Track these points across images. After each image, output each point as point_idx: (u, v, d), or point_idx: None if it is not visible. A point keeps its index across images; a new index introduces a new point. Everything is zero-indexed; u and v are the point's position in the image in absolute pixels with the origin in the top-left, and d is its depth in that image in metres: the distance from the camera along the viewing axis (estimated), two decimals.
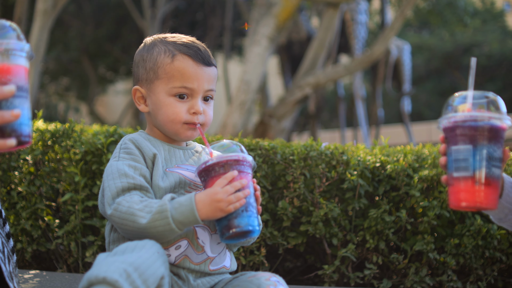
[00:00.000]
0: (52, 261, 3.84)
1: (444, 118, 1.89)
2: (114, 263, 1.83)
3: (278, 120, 13.08)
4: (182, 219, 2.04)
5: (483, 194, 1.83)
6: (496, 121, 1.83)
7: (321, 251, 3.80)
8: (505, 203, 2.02)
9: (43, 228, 3.74)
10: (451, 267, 3.69)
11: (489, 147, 1.83)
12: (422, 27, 29.83)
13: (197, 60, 2.27)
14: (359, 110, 14.75)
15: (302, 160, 3.69)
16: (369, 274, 3.67)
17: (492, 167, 1.83)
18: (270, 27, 12.42)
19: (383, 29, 14.90)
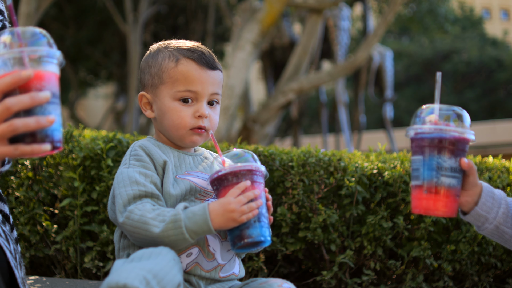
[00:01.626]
0: (50, 266, 3.83)
1: (408, 130, 2.01)
2: (133, 269, 1.83)
3: (261, 125, 13.12)
4: (196, 228, 2.05)
5: (432, 202, 1.93)
6: (444, 133, 1.92)
7: (319, 257, 3.82)
8: (480, 211, 2.05)
9: (41, 234, 3.73)
10: (447, 273, 3.73)
11: (438, 157, 1.92)
12: (402, 33, 30.06)
13: (201, 63, 2.28)
14: (341, 116, 14.84)
15: (301, 166, 3.71)
16: (366, 280, 3.69)
17: (442, 177, 1.93)
18: (254, 32, 12.47)
19: (366, 35, 15.00)
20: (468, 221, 2.10)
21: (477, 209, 2.04)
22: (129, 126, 18.91)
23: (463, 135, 1.94)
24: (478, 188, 2.04)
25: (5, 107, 1.56)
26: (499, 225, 2.06)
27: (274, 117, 13.30)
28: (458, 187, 1.97)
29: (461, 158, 1.94)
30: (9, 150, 1.58)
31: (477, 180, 2.03)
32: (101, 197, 3.66)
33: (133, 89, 18.11)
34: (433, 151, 1.93)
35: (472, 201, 2.04)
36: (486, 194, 2.05)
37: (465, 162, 1.94)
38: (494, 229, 2.07)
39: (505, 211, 2.06)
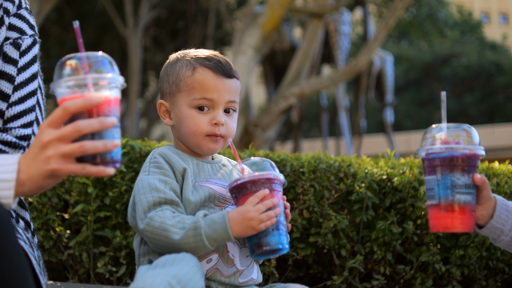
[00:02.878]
0: (63, 271, 3.86)
1: (418, 151, 2.07)
2: (158, 275, 1.87)
3: (263, 129, 13.16)
4: (215, 236, 2.08)
5: (450, 220, 1.98)
6: (455, 152, 1.97)
7: (328, 262, 3.86)
8: (496, 224, 2.09)
9: (54, 239, 3.76)
10: (456, 277, 3.77)
11: (452, 176, 1.97)
12: (401, 37, 30.11)
13: (217, 71, 2.31)
14: (342, 120, 14.87)
15: (312, 172, 3.75)
16: (376, 285, 3.73)
17: (457, 194, 1.97)
18: (255, 37, 12.51)
19: (366, 40, 15.04)
20: (485, 234, 2.14)
21: (492, 222, 2.08)
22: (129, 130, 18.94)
23: (474, 151, 1.98)
24: (492, 202, 2.08)
25: (77, 129, 1.64)
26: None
27: (275, 122, 13.34)
28: (474, 202, 2.01)
29: (473, 174, 1.98)
30: (77, 168, 1.67)
31: (491, 194, 2.08)
32: (113, 203, 3.70)
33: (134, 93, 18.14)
34: (445, 170, 1.97)
35: (487, 215, 2.09)
36: (501, 207, 2.09)
37: (478, 178, 1.98)
38: (510, 240, 2.11)
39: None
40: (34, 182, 1.69)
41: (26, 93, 2.18)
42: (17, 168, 1.70)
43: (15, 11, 2.23)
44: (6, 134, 2.09)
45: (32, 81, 2.20)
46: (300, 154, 4.04)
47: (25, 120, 2.15)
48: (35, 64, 2.24)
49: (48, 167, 1.66)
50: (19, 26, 2.23)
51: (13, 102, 2.14)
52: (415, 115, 27.13)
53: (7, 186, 1.70)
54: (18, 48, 2.19)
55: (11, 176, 1.70)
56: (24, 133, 2.13)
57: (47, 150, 1.66)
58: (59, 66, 1.72)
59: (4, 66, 2.16)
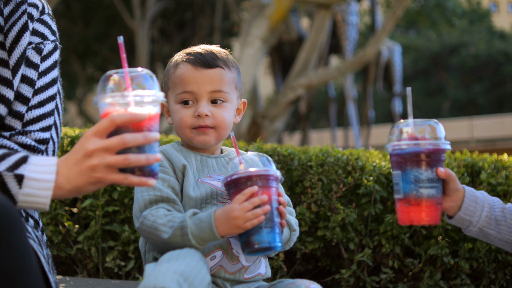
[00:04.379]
0: (72, 266, 3.88)
1: (386, 146, 2.09)
2: (168, 272, 1.88)
3: (270, 121, 13.14)
4: (202, 235, 2.08)
5: (414, 214, 2.02)
6: (417, 147, 2.00)
7: (337, 255, 3.86)
8: (464, 215, 2.13)
9: (63, 234, 3.78)
10: (464, 271, 3.76)
11: (415, 170, 2.00)
12: (409, 27, 30.00)
13: (195, 64, 2.33)
14: (350, 110, 14.84)
15: (320, 166, 3.74)
16: (385, 278, 3.73)
17: (420, 189, 2.00)
18: (263, 28, 12.48)
19: (374, 30, 14.99)
20: (454, 224, 2.19)
21: (460, 214, 2.13)
22: None
23: (437, 146, 2.01)
24: (460, 193, 2.12)
25: (123, 142, 1.72)
26: (483, 227, 2.15)
27: (283, 113, 13.31)
28: (438, 195, 2.04)
29: (437, 168, 2.01)
30: (120, 178, 1.75)
31: (459, 186, 2.11)
32: (122, 197, 3.70)
33: None
34: (409, 165, 2.01)
35: (455, 206, 2.13)
36: (469, 199, 2.13)
37: (441, 171, 2.01)
38: (478, 231, 2.16)
39: (488, 214, 2.14)
40: (73, 186, 1.75)
41: (46, 98, 2.20)
42: (56, 170, 1.75)
43: (38, 16, 2.26)
44: (26, 137, 2.11)
45: (52, 86, 2.23)
46: (308, 148, 4.03)
47: (44, 124, 2.17)
48: (55, 70, 2.26)
49: (93, 174, 1.73)
50: (42, 32, 2.25)
51: (32, 106, 2.16)
52: (423, 105, 27.07)
53: (46, 186, 1.75)
54: (40, 53, 2.22)
55: (50, 177, 1.75)
56: (42, 136, 2.15)
57: (92, 159, 1.73)
58: (103, 80, 1.80)
59: (25, 70, 2.18)
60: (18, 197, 1.77)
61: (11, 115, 2.14)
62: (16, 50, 2.16)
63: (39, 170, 1.76)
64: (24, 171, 1.76)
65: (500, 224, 2.16)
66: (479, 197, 2.15)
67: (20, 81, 2.16)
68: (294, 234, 2.33)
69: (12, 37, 2.16)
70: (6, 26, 2.17)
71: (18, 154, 1.80)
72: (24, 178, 1.76)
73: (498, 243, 2.19)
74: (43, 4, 2.31)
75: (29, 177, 1.76)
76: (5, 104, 2.12)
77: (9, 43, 2.16)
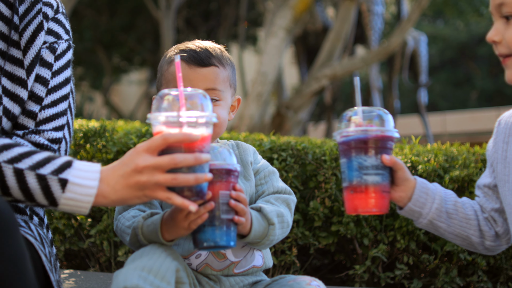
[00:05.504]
0: (85, 259, 3.88)
1: (333, 135, 2.07)
2: (128, 270, 1.90)
3: (294, 111, 13.07)
4: (152, 238, 2.07)
5: (359, 201, 1.98)
6: (360, 134, 1.97)
7: (351, 250, 3.81)
8: (414, 207, 2.09)
9: (75, 227, 3.77)
10: (481, 267, 3.70)
11: (359, 157, 1.97)
12: (437, 17, 29.70)
13: (189, 62, 2.30)
14: (375, 101, 14.72)
15: (334, 160, 3.70)
16: (399, 274, 3.68)
17: (364, 176, 1.96)
18: (287, 18, 12.40)
19: (399, 20, 14.85)
20: (404, 215, 2.14)
21: (410, 205, 2.08)
22: None
23: (383, 133, 1.97)
24: (411, 183, 2.07)
25: (173, 162, 1.76)
26: (433, 220, 2.11)
27: (307, 103, 13.23)
28: (384, 183, 2.00)
29: (382, 155, 1.96)
30: (164, 196, 1.79)
31: (408, 175, 2.06)
32: None
33: None
34: (353, 152, 1.98)
35: (406, 196, 2.08)
36: (420, 190, 2.08)
37: (386, 158, 1.96)
38: (429, 223, 2.12)
39: (439, 206, 2.10)
40: (119, 197, 1.79)
41: (59, 97, 2.20)
42: (99, 177, 1.78)
43: (53, 15, 2.26)
44: (39, 136, 2.12)
45: (65, 85, 2.23)
46: (323, 141, 3.99)
47: (57, 124, 2.17)
48: (68, 69, 2.27)
49: (140, 190, 1.78)
50: (56, 31, 2.26)
51: (46, 105, 2.17)
52: (451, 95, 26.82)
53: (88, 192, 1.77)
54: (54, 52, 2.22)
55: (93, 183, 1.77)
56: (55, 136, 2.15)
57: (142, 175, 1.76)
58: (158, 99, 1.84)
59: (39, 69, 2.18)
60: (60, 201, 1.79)
61: (25, 114, 2.15)
62: (31, 50, 2.16)
63: (83, 176, 1.78)
64: (68, 176, 1.78)
65: (451, 217, 2.12)
66: (431, 188, 2.11)
67: (34, 81, 2.17)
68: (272, 228, 2.17)
69: (27, 37, 2.17)
70: (21, 25, 2.17)
71: (63, 158, 1.82)
72: (68, 183, 1.77)
73: (449, 236, 2.15)
74: (57, 2, 2.31)
75: (73, 182, 1.77)
76: (19, 103, 2.13)
77: (24, 43, 2.16)
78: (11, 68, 2.14)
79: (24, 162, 1.78)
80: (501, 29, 1.86)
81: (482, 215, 2.14)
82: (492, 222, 2.13)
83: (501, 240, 2.13)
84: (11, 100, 2.12)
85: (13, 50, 2.15)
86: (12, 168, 1.77)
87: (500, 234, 2.12)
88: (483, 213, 2.15)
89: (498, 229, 2.12)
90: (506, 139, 2.07)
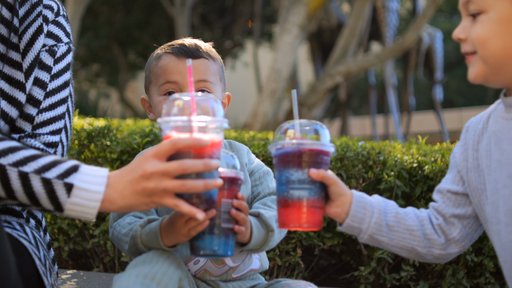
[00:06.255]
0: (89, 259, 3.87)
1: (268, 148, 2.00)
2: (131, 276, 1.88)
3: (308, 109, 13.03)
4: (153, 245, 2.04)
5: (286, 217, 1.90)
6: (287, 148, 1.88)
7: (357, 251, 3.78)
8: (352, 222, 1.98)
9: (79, 227, 3.76)
10: (489, 269, 3.65)
11: (286, 171, 1.89)
12: (453, 13, 29.52)
13: (178, 54, 2.30)
14: (390, 98, 14.63)
15: (339, 160, 3.66)
16: (405, 276, 3.64)
17: (291, 190, 1.88)
18: (300, 15, 12.36)
19: (415, 16, 14.76)
20: (344, 232, 2.04)
21: (348, 221, 1.98)
22: None
23: (311, 147, 1.88)
24: (346, 198, 1.97)
25: (182, 168, 1.73)
26: (373, 234, 2.00)
27: (321, 100, 13.19)
28: (312, 198, 1.90)
29: (309, 169, 1.88)
30: (171, 203, 1.77)
31: (342, 190, 1.96)
32: None
33: None
34: (282, 166, 1.90)
35: (342, 212, 1.97)
36: (357, 205, 1.98)
37: (313, 173, 1.87)
38: (370, 238, 2.01)
39: (378, 220, 1.99)
40: (126, 203, 1.76)
41: (57, 100, 2.20)
42: (106, 182, 1.76)
43: (53, 18, 2.26)
44: (35, 140, 2.12)
45: (64, 89, 2.22)
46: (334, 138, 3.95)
47: (54, 127, 2.17)
48: (67, 72, 2.26)
49: (148, 196, 1.75)
50: (56, 34, 2.25)
51: (43, 108, 2.16)
52: (467, 92, 26.66)
53: (94, 197, 1.75)
54: (53, 55, 2.21)
55: (100, 188, 1.75)
56: (52, 140, 2.14)
57: (150, 181, 1.74)
58: (168, 103, 1.81)
59: (38, 72, 2.17)
60: (65, 206, 1.77)
61: (22, 117, 2.14)
62: (30, 53, 2.16)
63: (89, 181, 1.76)
64: (74, 180, 1.76)
65: (393, 229, 2.00)
66: (369, 202, 2.00)
67: (33, 84, 2.16)
68: (271, 234, 2.16)
69: (26, 40, 2.16)
70: (21, 28, 2.16)
71: (70, 162, 1.80)
72: (74, 187, 1.75)
73: (393, 249, 2.04)
74: (58, 5, 2.31)
75: (79, 186, 1.75)
76: (17, 107, 2.12)
77: (23, 46, 2.15)
78: (10, 71, 2.13)
79: (29, 166, 1.76)
80: (467, 26, 1.82)
81: (431, 224, 2.04)
82: (446, 228, 2.02)
83: (453, 247, 2.02)
84: (9, 103, 2.11)
85: (12, 53, 2.14)
86: (17, 171, 1.75)
87: (456, 239, 2.01)
88: (436, 219, 2.04)
89: (454, 234, 2.01)
90: (476, 146, 1.97)
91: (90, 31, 21.38)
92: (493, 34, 1.77)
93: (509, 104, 1.85)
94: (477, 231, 2.04)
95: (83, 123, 3.92)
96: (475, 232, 2.04)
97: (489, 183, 1.88)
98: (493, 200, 1.87)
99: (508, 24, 1.75)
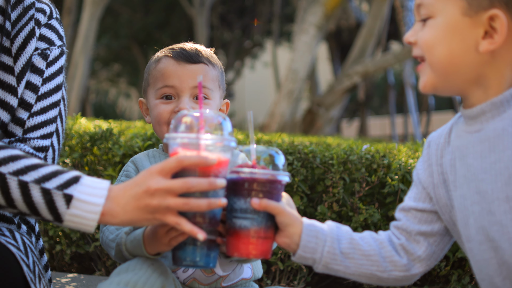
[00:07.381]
0: (91, 262, 3.87)
1: None
2: (111, 284, 1.86)
3: (326, 109, 12.99)
4: (136, 252, 2.01)
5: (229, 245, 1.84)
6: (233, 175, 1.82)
7: None
8: (304, 253, 1.86)
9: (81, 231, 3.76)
10: None
11: (230, 199, 1.82)
12: None
13: (178, 58, 2.27)
14: (409, 98, 14.55)
15: (342, 164, 3.62)
16: None
17: (233, 219, 1.82)
18: (317, 15, 12.32)
19: None
20: (298, 262, 1.96)
21: (299, 252, 1.87)
22: None
23: (254, 176, 1.80)
24: (294, 228, 1.85)
25: (186, 186, 1.71)
26: (327, 264, 1.88)
27: (339, 101, 13.14)
28: (255, 228, 1.81)
29: (251, 199, 1.80)
30: (174, 221, 1.74)
31: (291, 219, 1.84)
32: None
33: None
34: (228, 193, 1.83)
35: (292, 243, 1.86)
36: (307, 235, 1.86)
37: (255, 202, 1.79)
38: (324, 268, 1.89)
39: (331, 249, 1.87)
40: (128, 218, 1.74)
41: (49, 104, 2.18)
42: (108, 195, 1.74)
43: (46, 21, 2.24)
44: (24, 145, 2.11)
45: (56, 92, 2.21)
46: (331, 145, 3.92)
47: (45, 131, 2.15)
48: (60, 75, 2.24)
49: (150, 213, 1.73)
50: (49, 37, 2.24)
51: (34, 112, 2.15)
52: None
53: (94, 210, 1.73)
54: (46, 58, 2.20)
55: (99, 200, 1.73)
56: (42, 144, 2.13)
57: (153, 198, 1.71)
58: (177, 119, 1.79)
59: (30, 76, 2.16)
60: (64, 217, 1.75)
61: (13, 121, 2.13)
62: (22, 57, 2.14)
63: (90, 192, 1.74)
64: (74, 192, 1.75)
65: (348, 257, 1.88)
66: (321, 230, 1.88)
67: (24, 88, 2.15)
68: None
69: (18, 43, 2.15)
70: (13, 32, 2.15)
71: (71, 172, 1.79)
72: (73, 199, 1.74)
73: (351, 277, 1.91)
74: (51, 8, 2.29)
75: (78, 198, 1.74)
76: (8, 111, 2.11)
77: (15, 49, 2.14)
78: (2, 75, 2.12)
79: (29, 175, 1.75)
80: (418, 30, 1.78)
81: (392, 245, 1.94)
82: (410, 247, 1.92)
83: (418, 267, 1.92)
84: (0, 107, 2.10)
85: (3, 56, 2.13)
86: (17, 180, 1.74)
87: (422, 258, 1.91)
88: (398, 239, 1.94)
89: (420, 253, 1.91)
90: (439, 161, 1.89)
91: (110, 31, 21.53)
92: (439, 39, 1.72)
93: (469, 116, 1.76)
94: (444, 250, 1.94)
95: (90, 125, 3.92)
96: (441, 251, 1.94)
97: (456, 200, 1.80)
98: (462, 217, 1.79)
99: (454, 31, 1.70)
